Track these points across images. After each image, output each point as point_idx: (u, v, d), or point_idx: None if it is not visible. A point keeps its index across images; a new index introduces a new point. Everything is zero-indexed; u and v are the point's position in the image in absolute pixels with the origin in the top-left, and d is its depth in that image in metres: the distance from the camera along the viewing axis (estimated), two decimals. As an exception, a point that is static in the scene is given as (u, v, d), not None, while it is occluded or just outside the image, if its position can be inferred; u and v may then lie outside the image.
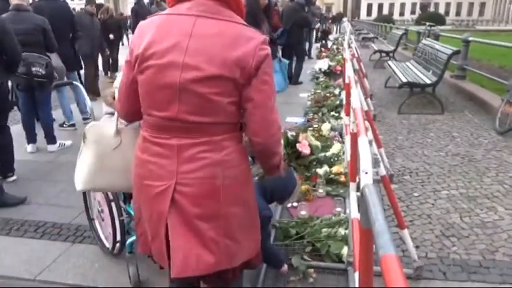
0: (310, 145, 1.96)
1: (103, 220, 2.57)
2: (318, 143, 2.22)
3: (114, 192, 2.30)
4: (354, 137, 2.12)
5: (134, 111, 1.42)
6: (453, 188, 3.36)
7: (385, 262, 0.69)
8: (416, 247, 2.53)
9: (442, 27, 21.16)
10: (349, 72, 2.78)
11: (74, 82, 2.93)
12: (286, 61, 7.53)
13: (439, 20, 33.47)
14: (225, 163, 1.32)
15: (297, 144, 1.87)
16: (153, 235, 1.42)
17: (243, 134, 1.41)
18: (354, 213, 2.03)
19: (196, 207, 1.31)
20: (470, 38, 7.04)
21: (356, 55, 5.83)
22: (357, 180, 2.38)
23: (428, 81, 5.65)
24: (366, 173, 1.20)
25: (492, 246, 2.57)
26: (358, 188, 2.28)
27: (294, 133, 1.99)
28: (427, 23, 10.76)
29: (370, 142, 2.17)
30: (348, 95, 3.46)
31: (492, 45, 6.69)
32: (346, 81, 3.33)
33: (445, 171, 3.69)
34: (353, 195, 2.20)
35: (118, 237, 2.39)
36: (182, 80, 1.23)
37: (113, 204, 2.35)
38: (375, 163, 2.22)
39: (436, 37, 8.91)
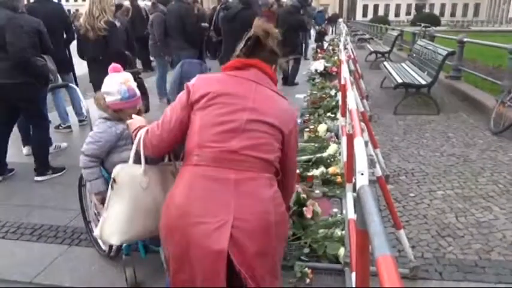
0: (313, 210, 2.30)
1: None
2: (319, 209, 2.50)
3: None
4: (350, 138, 2.13)
5: (170, 147, 1.60)
6: (449, 188, 3.38)
7: (381, 263, 0.69)
8: (413, 247, 2.54)
9: (437, 28, 21.28)
10: (345, 73, 2.80)
11: (70, 84, 2.92)
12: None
13: (434, 20, 33.63)
14: (275, 200, 1.42)
15: (304, 208, 2.23)
16: (209, 275, 1.33)
17: None
18: (350, 214, 2.04)
19: (254, 242, 1.33)
20: (465, 39, 7.08)
21: (352, 56, 5.85)
22: (353, 181, 2.41)
23: (423, 82, 5.68)
24: (362, 174, 1.21)
25: (487, 246, 2.59)
26: (354, 189, 2.30)
27: (305, 196, 2.41)
28: (422, 24, 10.81)
29: (366, 143, 2.18)
30: (344, 96, 3.47)
31: (486, 46, 6.73)
32: (342, 82, 3.33)
33: (440, 172, 3.71)
34: (349, 196, 2.21)
35: (114, 240, 2.39)
36: (248, 118, 1.41)
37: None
38: (371, 164, 2.24)
39: (432, 38, 8.95)
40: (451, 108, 5.94)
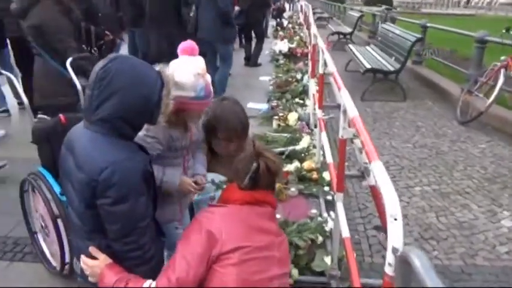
0: None
1: (48, 236, 2.17)
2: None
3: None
4: (343, 143, 1.90)
5: None
6: (425, 184, 3.29)
7: None
8: (397, 252, 2.40)
9: (390, 7, 21.53)
10: (331, 67, 2.52)
11: (2, 72, 2.42)
12: None
13: (387, 1, 34.12)
14: None
15: None
16: None
17: None
18: (344, 232, 1.82)
19: None
20: (429, 24, 7.07)
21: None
22: (345, 189, 2.21)
23: (391, 68, 5.59)
24: (396, 219, 0.97)
25: (471, 249, 2.52)
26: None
27: None
28: (384, 6, 10.79)
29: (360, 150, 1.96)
30: (321, 88, 3.24)
31: (451, 32, 6.71)
32: (321, 71, 3.09)
33: (415, 165, 3.62)
34: (340, 208, 1.99)
35: (67, 259, 2.02)
36: (278, 273, 1.31)
37: (59, 220, 1.97)
38: (366, 171, 2.02)
39: (393, 20, 8.92)
40: (416, 95, 5.93)
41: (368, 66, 5.67)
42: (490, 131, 4.46)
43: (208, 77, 1.58)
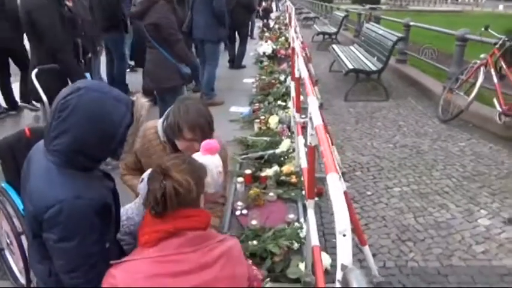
0: None
1: (13, 253, 2.12)
2: None
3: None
4: (312, 150, 1.87)
5: None
6: (405, 184, 3.28)
7: None
8: (374, 255, 2.37)
9: (375, 6, 21.63)
10: (303, 72, 2.49)
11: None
12: None
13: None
14: None
15: None
16: None
17: None
18: (314, 239, 1.79)
19: None
20: (412, 23, 7.08)
21: (301, 39, 5.59)
22: (315, 197, 2.19)
23: (374, 68, 5.58)
24: (344, 235, 0.93)
25: (448, 249, 2.50)
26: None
27: None
28: (368, 6, 10.81)
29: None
30: (298, 91, 3.22)
31: (432, 30, 6.72)
32: (296, 75, 3.06)
33: (395, 165, 3.61)
34: (311, 215, 1.96)
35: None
36: None
37: (22, 237, 1.92)
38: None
39: (377, 20, 8.93)
40: (399, 94, 5.93)
41: (350, 66, 5.66)
42: (471, 128, 4.46)
43: None
